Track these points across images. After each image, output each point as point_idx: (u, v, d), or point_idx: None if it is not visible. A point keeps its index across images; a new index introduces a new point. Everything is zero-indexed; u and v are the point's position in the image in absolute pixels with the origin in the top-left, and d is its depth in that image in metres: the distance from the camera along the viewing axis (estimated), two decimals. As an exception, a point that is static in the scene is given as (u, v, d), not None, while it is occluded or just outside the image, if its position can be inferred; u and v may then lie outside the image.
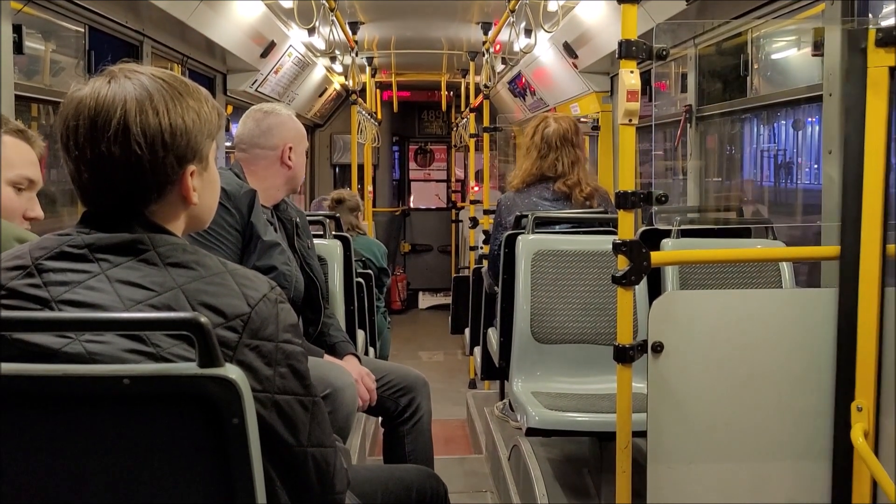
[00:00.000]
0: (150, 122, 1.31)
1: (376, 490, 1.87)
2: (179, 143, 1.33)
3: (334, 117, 11.23)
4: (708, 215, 4.58)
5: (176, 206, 1.38)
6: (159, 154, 1.32)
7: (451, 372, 8.12)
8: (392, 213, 12.58)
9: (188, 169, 1.36)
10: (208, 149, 1.40)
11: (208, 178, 1.42)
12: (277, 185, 2.79)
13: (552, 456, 3.53)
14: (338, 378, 2.53)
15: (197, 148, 1.36)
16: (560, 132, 3.77)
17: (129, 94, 1.32)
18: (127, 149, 1.30)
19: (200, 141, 1.36)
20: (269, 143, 2.76)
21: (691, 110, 4.83)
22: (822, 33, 3.45)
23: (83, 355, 1.23)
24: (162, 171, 1.33)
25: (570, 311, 3.34)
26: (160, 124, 1.31)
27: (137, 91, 1.32)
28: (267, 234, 2.59)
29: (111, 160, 1.30)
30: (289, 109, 2.91)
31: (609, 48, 5.41)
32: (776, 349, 2.02)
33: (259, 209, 2.59)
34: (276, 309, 1.31)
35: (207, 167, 1.41)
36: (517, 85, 8.47)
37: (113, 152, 1.30)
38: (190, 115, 1.35)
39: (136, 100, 1.31)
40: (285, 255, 2.64)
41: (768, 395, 2.03)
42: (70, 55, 3.97)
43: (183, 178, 1.35)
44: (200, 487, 1.21)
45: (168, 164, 1.33)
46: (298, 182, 2.87)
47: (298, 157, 2.82)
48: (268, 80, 6.53)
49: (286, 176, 2.80)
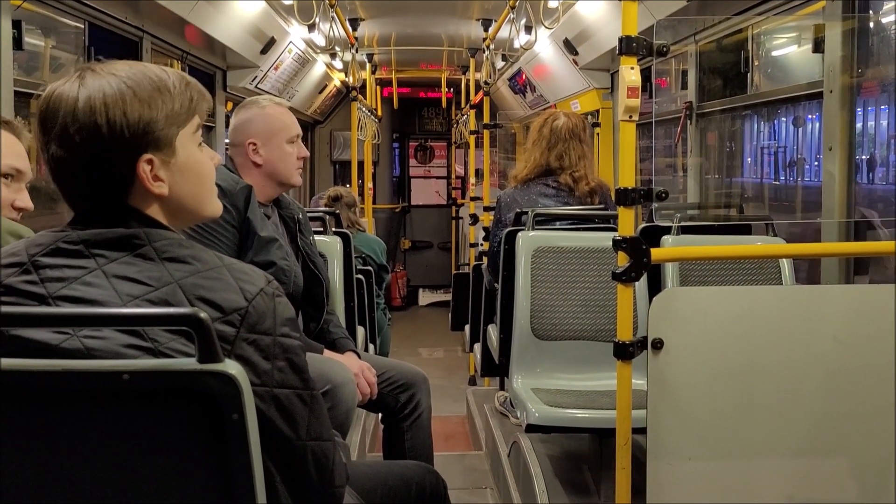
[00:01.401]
0: (85, 119, 1.29)
1: (376, 486, 1.87)
2: (121, 136, 1.30)
3: (334, 114, 11.23)
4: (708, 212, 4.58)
5: (147, 198, 1.35)
6: (98, 150, 1.30)
7: (451, 368, 8.12)
8: (392, 209, 12.58)
9: (141, 159, 1.33)
10: (173, 136, 1.35)
11: (181, 166, 1.37)
12: (258, 182, 2.66)
13: (552, 452, 3.52)
14: (337, 374, 2.53)
15: (151, 138, 1.33)
16: (570, 126, 3.80)
17: (72, 94, 1.31)
18: (68, 148, 1.30)
19: (155, 130, 1.33)
20: (236, 139, 2.70)
21: (691, 107, 4.83)
22: (823, 30, 3.45)
23: (81, 351, 1.23)
24: (107, 166, 1.31)
25: (570, 307, 3.33)
26: (97, 121, 1.29)
27: (84, 89, 1.31)
28: (264, 230, 2.57)
29: (60, 160, 1.31)
30: (272, 101, 2.76)
31: (609, 45, 5.41)
32: (777, 346, 2.02)
33: (255, 205, 2.57)
34: (273, 303, 1.31)
35: (174, 155, 1.36)
36: (517, 82, 8.46)
37: (58, 154, 1.31)
38: (137, 107, 1.31)
39: (76, 99, 1.31)
40: (283, 250, 2.63)
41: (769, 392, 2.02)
42: (70, 51, 3.97)
43: (137, 169, 1.33)
44: (200, 482, 1.21)
45: (111, 158, 1.31)
46: (283, 177, 2.71)
47: (271, 152, 2.67)
48: (268, 77, 6.52)
49: (260, 173, 2.67)
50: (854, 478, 2.05)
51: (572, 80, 6.69)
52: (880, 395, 2.02)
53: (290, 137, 2.71)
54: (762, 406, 2.03)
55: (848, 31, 3.31)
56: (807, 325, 2.03)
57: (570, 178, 3.75)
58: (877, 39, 3.29)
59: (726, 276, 3.20)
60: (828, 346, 2.02)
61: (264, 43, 5.98)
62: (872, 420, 2.03)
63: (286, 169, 2.71)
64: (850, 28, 3.30)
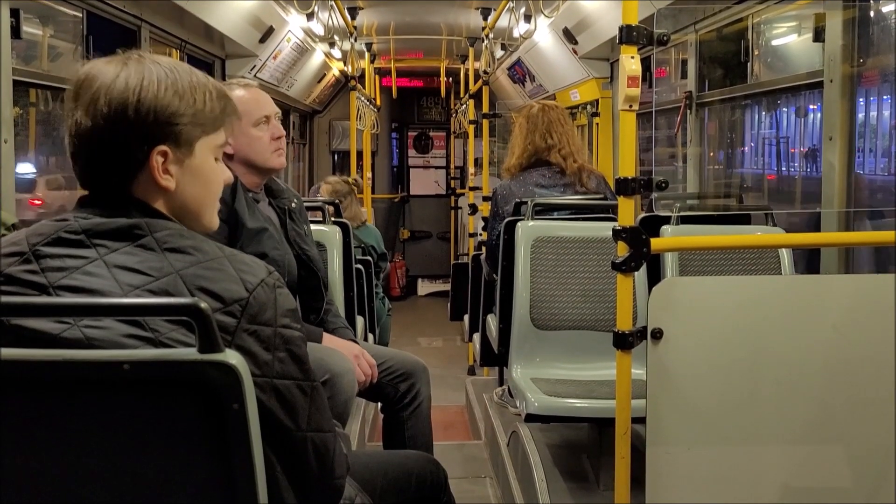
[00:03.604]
0: (117, 95, 1.31)
1: (376, 476, 1.87)
2: (146, 119, 1.32)
3: (333, 104, 11.21)
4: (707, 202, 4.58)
5: (152, 190, 1.36)
6: (121, 127, 1.31)
7: (451, 358, 8.13)
8: (391, 199, 12.57)
9: (157, 149, 1.34)
10: (196, 138, 1.37)
11: (193, 169, 1.38)
12: (239, 171, 2.57)
13: (551, 442, 3.53)
14: (336, 364, 2.53)
15: (173, 131, 1.34)
16: (545, 109, 3.95)
17: (112, 70, 1.33)
18: (93, 118, 1.32)
19: (180, 125, 1.34)
20: None
21: (691, 96, 4.82)
22: (824, 19, 3.44)
23: (82, 341, 1.23)
24: (124, 145, 1.32)
25: (569, 297, 3.34)
26: (128, 99, 1.31)
27: (126, 70, 1.33)
28: (252, 221, 2.53)
29: (82, 130, 1.32)
30: (237, 84, 2.62)
31: (609, 34, 5.40)
32: (777, 336, 2.02)
33: (241, 195, 2.53)
34: (274, 294, 1.31)
35: (191, 155, 1.37)
36: (516, 71, 8.44)
37: (83, 122, 1.32)
38: (169, 96, 1.33)
39: (116, 75, 1.33)
40: (274, 239, 2.58)
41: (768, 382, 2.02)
42: (68, 40, 3.95)
43: (150, 157, 1.34)
44: (200, 472, 1.21)
45: (131, 138, 1.32)
46: (258, 162, 2.60)
47: (238, 139, 2.53)
48: (266, 66, 6.50)
49: (236, 162, 2.56)
50: (853, 466, 2.05)
51: (572, 69, 6.67)
52: (879, 385, 2.02)
53: (255, 120, 2.59)
54: (761, 396, 2.03)
55: (848, 20, 3.30)
56: (806, 314, 2.03)
57: (559, 156, 3.82)
58: (877, 28, 3.29)
59: (726, 266, 3.20)
60: (827, 335, 2.02)
61: (263, 32, 5.96)
62: (871, 409, 2.03)
63: (259, 153, 2.60)
64: (851, 17, 3.29)
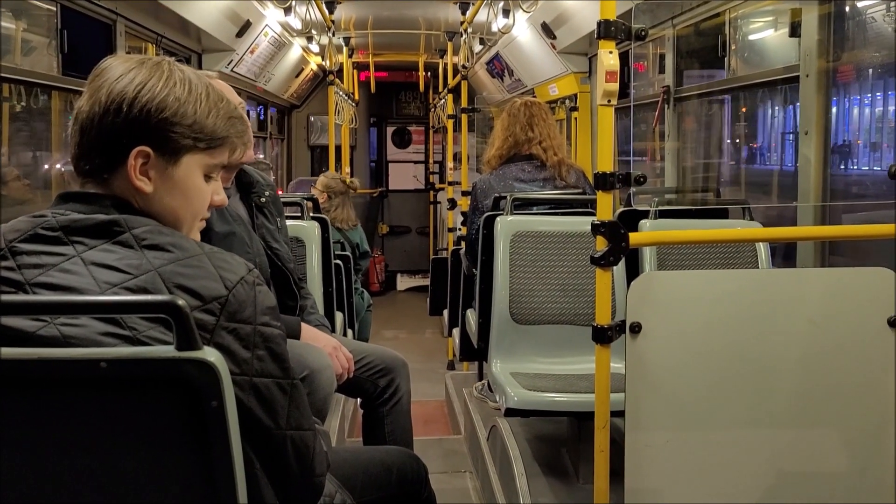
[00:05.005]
0: (119, 88, 1.32)
1: (356, 472, 1.87)
2: (137, 115, 1.32)
3: (311, 98, 11.15)
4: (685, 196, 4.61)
5: (130, 189, 1.35)
6: (112, 117, 1.31)
7: (430, 353, 8.13)
8: (370, 194, 12.53)
9: (138, 148, 1.33)
10: (185, 149, 1.36)
11: (175, 180, 1.36)
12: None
13: (531, 436, 3.54)
14: (315, 360, 2.52)
15: (162, 135, 1.33)
16: (527, 105, 3.98)
17: (126, 68, 1.34)
18: (92, 105, 1.32)
19: (171, 132, 1.33)
20: None
21: (669, 91, 4.84)
22: (800, 14, 3.47)
23: (58, 339, 1.22)
24: (111, 136, 1.32)
25: (548, 291, 3.34)
26: (127, 93, 1.31)
27: (138, 69, 1.34)
28: (220, 224, 2.49)
29: (80, 114, 1.34)
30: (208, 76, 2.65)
31: (587, 28, 5.41)
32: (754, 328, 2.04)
33: None
34: (253, 291, 1.30)
35: (176, 165, 1.36)
36: (495, 66, 8.44)
37: (84, 107, 1.33)
38: (169, 101, 1.33)
39: (128, 72, 1.33)
40: (243, 241, 2.52)
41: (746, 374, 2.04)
42: (42, 34, 3.90)
43: (129, 153, 1.33)
44: (180, 471, 1.21)
45: (117, 131, 1.32)
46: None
47: None
48: (244, 61, 6.46)
49: None
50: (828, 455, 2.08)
51: (550, 64, 6.68)
52: (853, 376, 2.05)
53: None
54: (739, 388, 2.05)
55: (824, 15, 3.32)
56: (782, 307, 2.05)
57: (539, 148, 3.84)
58: (852, 24, 3.32)
59: (704, 260, 3.22)
60: (803, 327, 2.04)
61: (240, 26, 5.92)
62: (845, 399, 2.06)
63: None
64: (827, 12, 3.32)
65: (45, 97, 4.03)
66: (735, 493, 2.06)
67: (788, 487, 2.07)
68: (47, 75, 3.84)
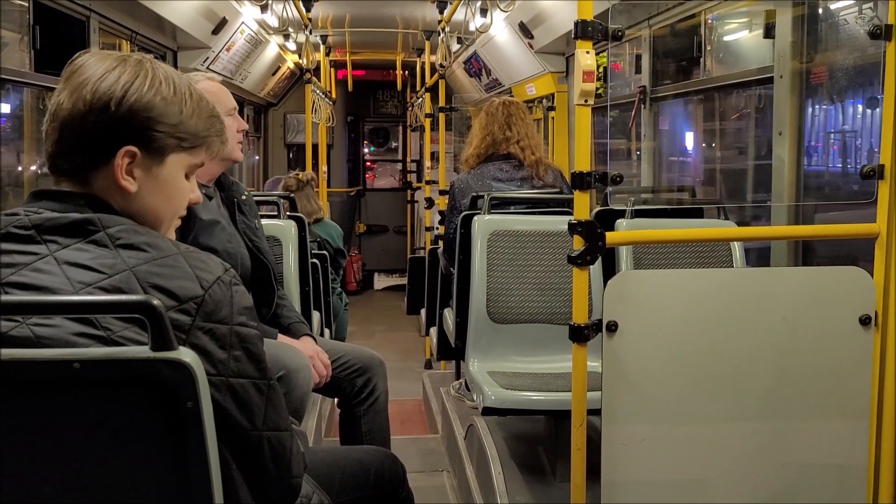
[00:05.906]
0: (104, 87, 1.31)
1: (333, 472, 1.86)
2: (124, 115, 1.31)
3: (288, 96, 11.10)
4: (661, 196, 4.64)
5: (112, 189, 1.34)
6: (98, 116, 1.30)
7: (407, 352, 8.12)
8: (347, 193, 12.49)
9: (125, 148, 1.32)
10: (170, 149, 1.36)
11: (159, 179, 1.36)
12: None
13: (508, 435, 3.55)
14: (292, 360, 2.51)
15: (149, 135, 1.33)
16: (505, 104, 3.99)
17: (108, 65, 1.33)
18: (74, 102, 1.31)
19: (157, 132, 1.33)
20: None
21: (645, 91, 4.87)
22: (774, 16, 3.50)
23: (31, 339, 1.20)
24: (96, 135, 1.31)
25: (525, 291, 3.35)
26: (114, 92, 1.30)
27: (122, 67, 1.33)
28: (205, 213, 2.52)
29: (60, 110, 1.31)
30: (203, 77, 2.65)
31: (564, 28, 5.43)
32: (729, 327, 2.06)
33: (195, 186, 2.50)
34: (230, 291, 1.29)
35: (161, 165, 1.36)
36: (473, 65, 8.44)
37: (64, 103, 1.31)
38: (156, 101, 1.33)
39: (112, 69, 1.32)
40: (226, 232, 2.57)
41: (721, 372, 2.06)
42: (14, 30, 3.86)
43: (115, 154, 1.32)
44: (155, 471, 1.20)
45: (104, 130, 1.31)
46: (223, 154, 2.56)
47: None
48: (220, 58, 6.42)
49: None
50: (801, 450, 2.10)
51: (528, 63, 6.70)
52: (826, 373, 2.08)
53: (227, 110, 2.62)
54: (714, 385, 2.06)
55: (798, 17, 3.36)
56: (757, 305, 2.07)
57: (517, 147, 3.86)
58: (825, 26, 3.35)
59: (679, 259, 3.24)
60: (777, 325, 2.06)
61: (216, 23, 5.88)
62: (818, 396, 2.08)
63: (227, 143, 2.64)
64: (801, 14, 3.35)
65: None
66: (711, 489, 2.07)
67: (763, 482, 2.09)
68: (19, 71, 3.80)
